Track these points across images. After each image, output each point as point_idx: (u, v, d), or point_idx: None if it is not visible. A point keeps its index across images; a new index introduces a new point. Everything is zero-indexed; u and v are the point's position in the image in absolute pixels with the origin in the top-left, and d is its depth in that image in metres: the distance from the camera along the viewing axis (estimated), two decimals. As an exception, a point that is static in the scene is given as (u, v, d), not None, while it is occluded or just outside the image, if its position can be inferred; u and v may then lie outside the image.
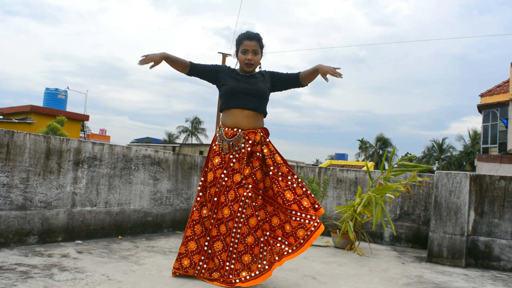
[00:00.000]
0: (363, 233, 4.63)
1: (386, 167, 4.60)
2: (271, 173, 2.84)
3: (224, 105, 2.94)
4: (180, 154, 4.99)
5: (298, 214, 2.75)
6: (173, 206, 4.86)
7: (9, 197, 3.32)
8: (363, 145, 51.49)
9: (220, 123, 3.00)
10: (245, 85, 2.93)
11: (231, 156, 2.85)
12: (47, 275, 2.64)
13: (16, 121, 19.54)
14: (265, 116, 3.02)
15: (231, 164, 2.83)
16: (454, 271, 3.85)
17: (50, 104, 23.08)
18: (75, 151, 3.81)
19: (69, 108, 24.75)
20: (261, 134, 2.93)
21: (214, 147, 2.94)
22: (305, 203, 2.78)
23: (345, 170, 5.48)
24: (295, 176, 2.89)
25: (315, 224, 2.71)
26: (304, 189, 2.86)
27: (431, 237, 4.24)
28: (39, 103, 23.63)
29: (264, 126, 3.01)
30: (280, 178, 2.83)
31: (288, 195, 2.78)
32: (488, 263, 4.15)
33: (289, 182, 2.82)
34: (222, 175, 2.82)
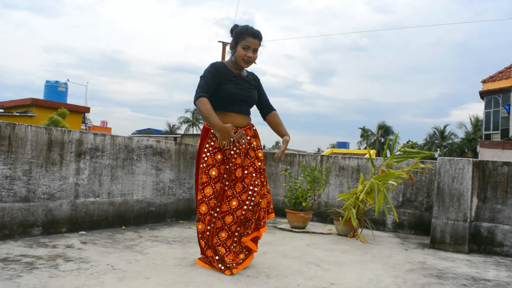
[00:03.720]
0: (365, 220, 4.64)
1: (388, 154, 4.59)
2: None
3: (222, 107, 2.90)
4: (182, 144, 4.99)
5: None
6: (175, 196, 4.87)
7: (12, 189, 3.33)
8: (365, 133, 51.42)
9: None
10: (242, 92, 2.94)
11: (232, 152, 2.88)
12: (52, 265, 2.65)
13: (17, 114, 19.54)
14: None
15: (233, 160, 2.87)
16: (457, 257, 3.86)
17: (51, 97, 23.04)
18: (77, 142, 3.81)
19: (70, 100, 24.69)
20: (253, 128, 3.06)
21: (212, 143, 2.89)
22: (263, 203, 2.92)
23: (347, 157, 5.48)
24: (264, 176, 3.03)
25: (261, 224, 2.94)
26: (267, 189, 3.01)
27: (434, 223, 4.25)
28: (40, 96, 23.58)
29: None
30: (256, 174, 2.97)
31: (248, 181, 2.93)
32: (491, 249, 4.16)
33: (261, 180, 2.95)
34: (226, 171, 2.87)
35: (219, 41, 21.03)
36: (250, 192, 2.83)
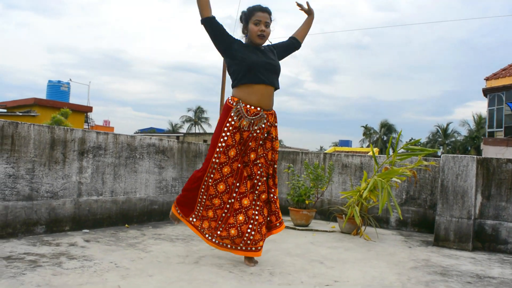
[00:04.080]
0: (369, 218, 4.63)
1: (391, 152, 4.57)
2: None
3: (245, 79, 2.83)
4: (185, 142, 4.98)
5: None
6: (178, 194, 4.86)
7: (16, 187, 3.33)
8: (367, 131, 51.34)
9: (236, 97, 2.87)
10: (265, 60, 2.90)
11: (249, 135, 2.84)
12: (56, 263, 2.65)
13: (20, 114, 19.58)
14: None
15: (250, 143, 2.86)
16: (461, 255, 3.84)
17: (53, 97, 23.10)
18: (80, 141, 3.81)
19: (72, 100, 24.74)
20: (274, 115, 3.00)
21: (233, 123, 2.82)
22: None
23: (350, 155, 5.46)
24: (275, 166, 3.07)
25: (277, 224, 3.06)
26: (274, 187, 3.05)
27: (438, 221, 4.23)
28: (42, 96, 23.65)
29: None
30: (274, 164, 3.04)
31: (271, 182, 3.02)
32: (495, 247, 4.14)
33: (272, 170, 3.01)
34: (241, 152, 2.86)
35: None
36: (255, 181, 2.86)
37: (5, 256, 2.75)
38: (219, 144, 2.82)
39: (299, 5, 3.23)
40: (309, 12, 3.28)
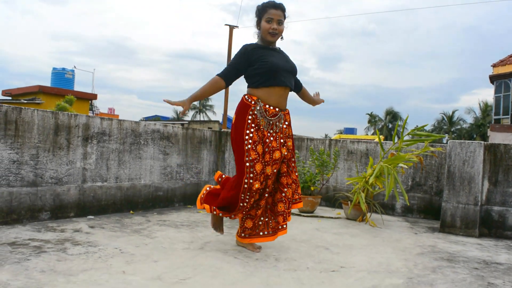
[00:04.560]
0: (374, 204, 4.60)
1: (397, 138, 4.52)
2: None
3: (266, 82, 2.80)
4: (190, 128, 4.95)
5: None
6: (183, 180, 4.86)
7: (20, 173, 3.32)
8: (372, 119, 51.09)
9: (255, 96, 2.82)
10: (283, 61, 2.88)
11: (268, 134, 2.80)
12: (60, 249, 2.65)
13: (25, 101, 19.61)
14: None
15: (269, 144, 2.79)
16: (468, 241, 3.81)
17: (58, 84, 23.06)
18: (84, 126, 3.79)
19: (77, 87, 24.68)
20: (289, 115, 2.98)
21: (254, 119, 2.78)
22: (288, 193, 2.93)
23: (356, 142, 5.42)
24: (294, 160, 3.01)
25: (284, 225, 2.94)
26: (292, 179, 2.96)
27: (444, 207, 4.20)
28: (47, 83, 23.61)
29: None
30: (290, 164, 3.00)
31: (285, 181, 2.93)
32: (502, 233, 4.11)
33: (290, 168, 2.95)
34: (262, 151, 2.80)
35: (225, 25, 20.79)
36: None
37: (10, 242, 2.75)
38: (246, 142, 2.75)
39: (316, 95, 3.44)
40: (315, 103, 3.41)
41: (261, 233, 2.92)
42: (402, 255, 3.10)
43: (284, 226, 2.95)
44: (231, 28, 20.27)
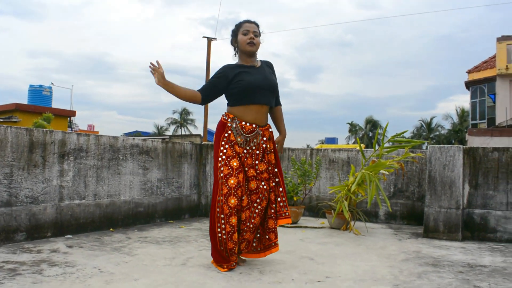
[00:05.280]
0: (358, 212, 4.59)
1: (378, 146, 4.54)
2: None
3: (243, 100, 2.80)
4: (169, 142, 4.88)
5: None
6: (164, 195, 4.77)
7: (-7, 193, 3.20)
8: (353, 128, 51.57)
9: (232, 114, 2.83)
10: (260, 79, 2.85)
11: (244, 151, 2.79)
12: (36, 271, 2.55)
13: (1, 120, 19.20)
14: None
15: (245, 159, 2.79)
16: (452, 245, 3.82)
17: (35, 101, 22.64)
18: (60, 143, 3.69)
19: (55, 104, 24.34)
20: (270, 130, 2.96)
21: (229, 136, 2.80)
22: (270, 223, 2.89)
23: (337, 150, 5.42)
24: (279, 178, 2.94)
25: (275, 243, 2.92)
26: (279, 191, 2.91)
27: (427, 212, 4.21)
28: (24, 101, 23.17)
29: None
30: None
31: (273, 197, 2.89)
32: (485, 235, 4.14)
33: (273, 184, 2.89)
34: (238, 166, 2.77)
35: (204, 37, 20.82)
36: (260, 195, 2.79)
37: (-18, 265, 2.63)
38: (220, 159, 2.76)
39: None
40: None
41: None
42: (387, 262, 3.08)
43: (276, 242, 2.92)
44: (209, 40, 20.31)
